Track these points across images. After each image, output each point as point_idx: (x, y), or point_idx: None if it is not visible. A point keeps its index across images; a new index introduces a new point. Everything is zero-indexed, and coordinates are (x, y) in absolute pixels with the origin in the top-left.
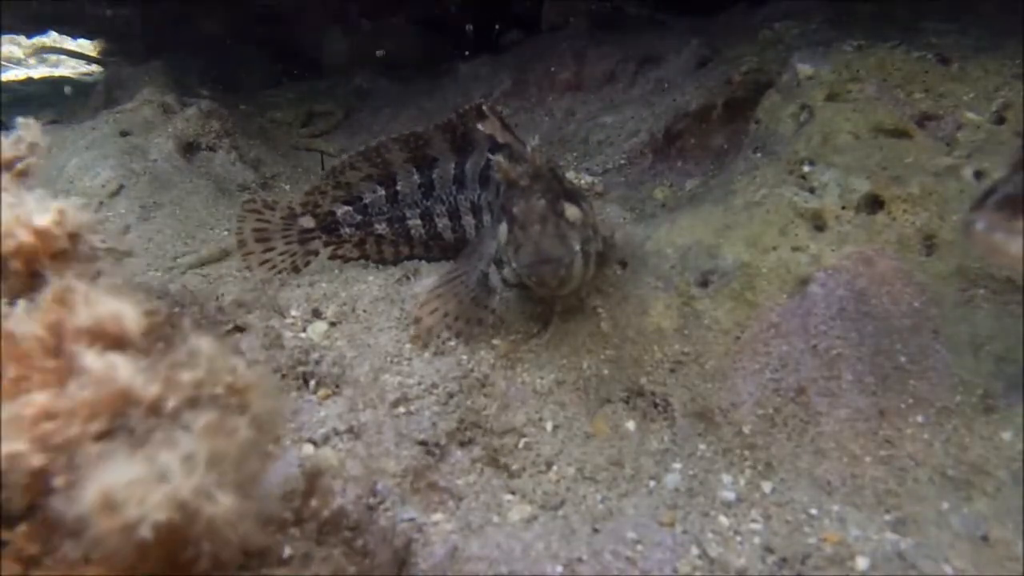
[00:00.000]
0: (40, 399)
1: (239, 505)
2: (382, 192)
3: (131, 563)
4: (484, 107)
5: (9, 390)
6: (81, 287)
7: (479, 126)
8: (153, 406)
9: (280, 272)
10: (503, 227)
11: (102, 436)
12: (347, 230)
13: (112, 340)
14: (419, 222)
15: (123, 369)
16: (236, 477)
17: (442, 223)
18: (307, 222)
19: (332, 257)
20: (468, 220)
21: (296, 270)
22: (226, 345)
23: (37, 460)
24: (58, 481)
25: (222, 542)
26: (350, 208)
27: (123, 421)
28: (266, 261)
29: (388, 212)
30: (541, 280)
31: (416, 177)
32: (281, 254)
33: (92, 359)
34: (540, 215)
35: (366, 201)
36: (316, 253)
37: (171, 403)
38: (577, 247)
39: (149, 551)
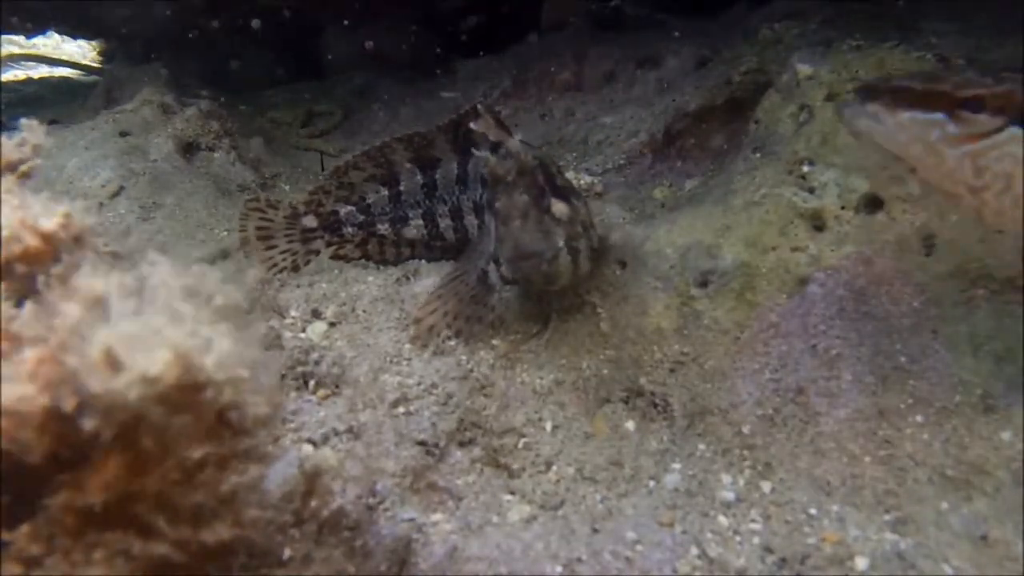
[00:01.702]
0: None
1: (238, 348)
2: (385, 192)
3: (141, 423)
4: (479, 107)
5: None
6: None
7: (472, 125)
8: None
9: (281, 271)
10: (493, 224)
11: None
12: (349, 230)
13: None
14: (421, 222)
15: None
16: (228, 330)
17: (444, 223)
18: (310, 221)
19: (334, 257)
20: (471, 220)
21: (296, 269)
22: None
23: (44, 399)
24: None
25: (233, 383)
26: (353, 208)
27: None
28: (267, 259)
29: (391, 212)
30: (525, 275)
31: (419, 177)
32: (283, 252)
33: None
34: (522, 210)
35: (369, 201)
36: (317, 252)
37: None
38: (561, 243)
39: (158, 407)
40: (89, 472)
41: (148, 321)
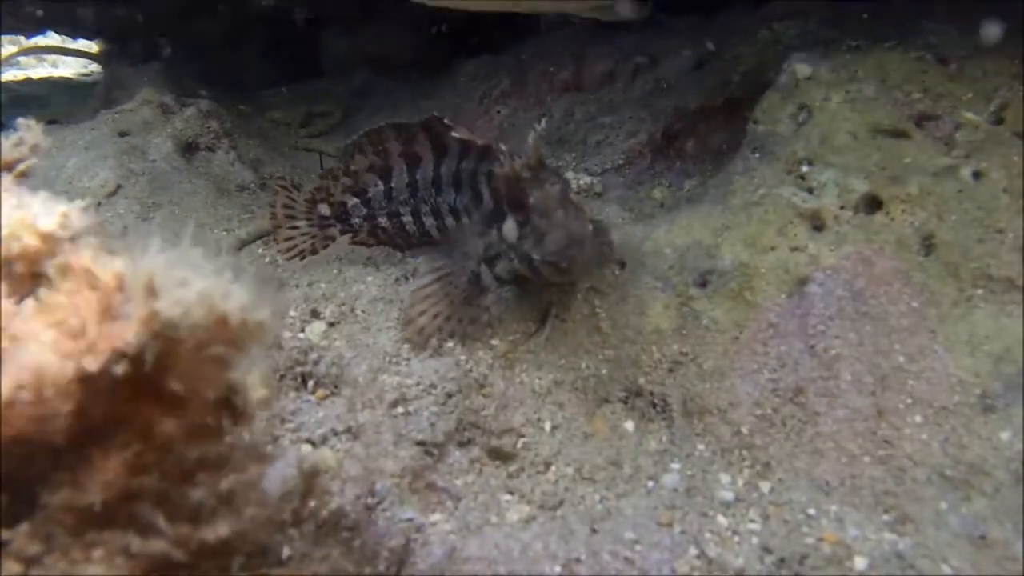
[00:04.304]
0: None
1: (254, 299)
2: (381, 187)
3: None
4: (443, 120)
5: None
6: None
7: (453, 133)
8: None
9: (301, 253)
10: (509, 223)
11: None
12: (357, 220)
13: None
14: (411, 219)
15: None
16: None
17: (428, 221)
18: (324, 210)
19: (353, 243)
20: (450, 221)
21: (315, 252)
22: None
23: (68, 366)
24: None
25: (257, 326)
26: (358, 201)
27: None
28: (290, 239)
29: (387, 207)
30: (571, 263)
31: (405, 176)
32: (303, 235)
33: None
34: (559, 200)
35: (370, 195)
36: (334, 239)
37: None
38: (589, 227)
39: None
40: (90, 469)
41: (174, 270)
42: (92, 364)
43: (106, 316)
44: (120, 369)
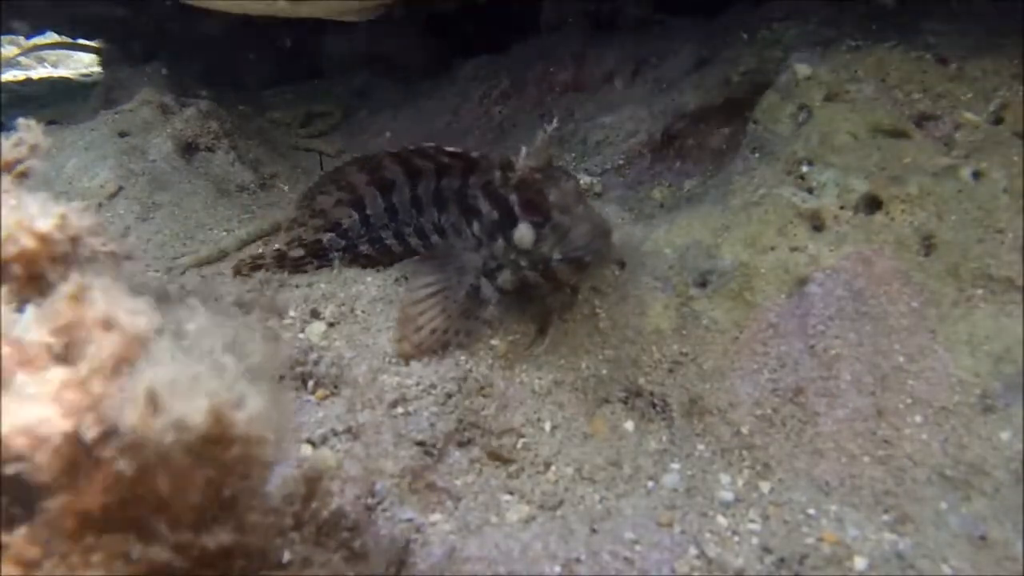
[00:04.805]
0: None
1: (268, 409)
2: (356, 216)
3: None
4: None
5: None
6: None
7: (447, 150)
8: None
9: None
10: (523, 228)
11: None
12: (335, 255)
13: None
14: (395, 241)
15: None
16: (262, 390)
17: (414, 241)
18: (296, 252)
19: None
20: (436, 239)
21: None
22: None
23: (66, 424)
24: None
25: (258, 443)
26: (333, 234)
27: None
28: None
29: (367, 234)
30: (596, 256)
31: (380, 201)
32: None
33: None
34: (576, 195)
35: (345, 226)
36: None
37: None
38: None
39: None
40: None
41: (188, 367)
42: (89, 432)
43: (117, 369)
44: (106, 453)
